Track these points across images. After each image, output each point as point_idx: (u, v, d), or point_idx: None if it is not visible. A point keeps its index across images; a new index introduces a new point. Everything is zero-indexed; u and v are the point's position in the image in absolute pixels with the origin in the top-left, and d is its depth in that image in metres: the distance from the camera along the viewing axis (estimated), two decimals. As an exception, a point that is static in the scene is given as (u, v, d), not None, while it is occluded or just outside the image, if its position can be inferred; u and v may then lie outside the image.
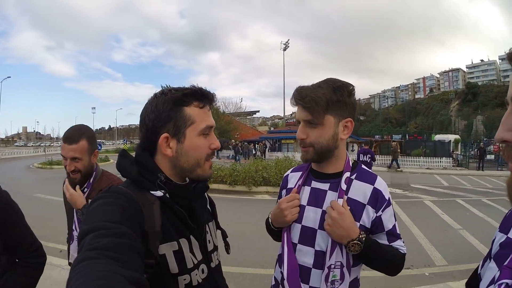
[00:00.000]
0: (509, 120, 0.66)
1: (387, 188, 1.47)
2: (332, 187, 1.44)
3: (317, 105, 1.34)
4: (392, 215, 1.44)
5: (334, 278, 1.32)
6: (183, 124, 1.11)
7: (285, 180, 1.66)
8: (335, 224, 1.31)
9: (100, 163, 23.56)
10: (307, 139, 1.39)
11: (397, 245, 1.44)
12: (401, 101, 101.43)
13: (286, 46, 52.66)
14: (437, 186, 14.39)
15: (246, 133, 48.71)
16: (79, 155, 2.05)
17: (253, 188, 12.46)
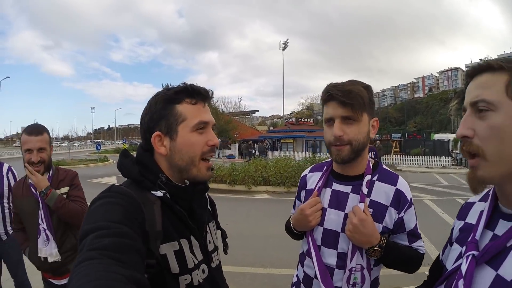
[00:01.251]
0: (468, 120, 0.84)
1: (409, 189, 1.48)
2: (354, 190, 1.44)
3: (360, 101, 1.34)
4: (413, 215, 1.46)
5: (355, 280, 1.35)
6: (175, 121, 1.11)
7: (304, 180, 1.66)
8: (356, 230, 1.32)
9: (99, 163, 23.50)
10: (345, 136, 1.36)
11: (417, 245, 1.47)
12: (400, 100, 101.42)
13: (285, 45, 52.68)
14: (437, 185, 14.40)
15: (245, 132, 48.67)
16: (45, 145, 2.34)
17: (252, 187, 12.48)
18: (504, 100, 0.79)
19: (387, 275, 4.67)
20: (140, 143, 1.21)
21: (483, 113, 0.81)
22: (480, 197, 1.05)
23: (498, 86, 0.80)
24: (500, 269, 0.79)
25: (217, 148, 1.22)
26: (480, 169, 0.83)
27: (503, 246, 0.81)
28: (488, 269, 0.82)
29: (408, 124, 71.45)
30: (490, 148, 0.80)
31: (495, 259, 0.81)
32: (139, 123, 1.20)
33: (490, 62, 0.84)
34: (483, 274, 0.82)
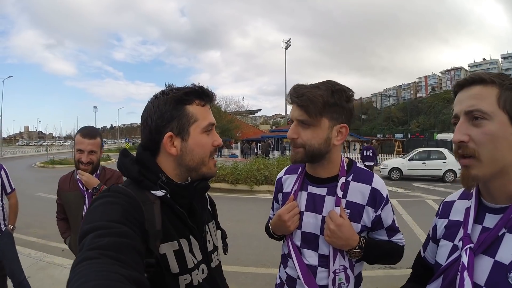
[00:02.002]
0: (463, 127, 0.97)
1: (385, 186, 1.48)
2: (329, 192, 1.43)
3: (313, 105, 1.31)
4: (390, 211, 1.47)
5: (340, 281, 1.35)
6: (187, 122, 1.12)
7: (279, 183, 1.66)
8: (334, 235, 1.33)
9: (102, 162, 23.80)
10: (298, 139, 1.37)
11: (396, 239, 1.49)
12: (403, 100, 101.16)
13: (288, 44, 52.64)
14: (439, 186, 14.38)
15: (247, 132, 48.76)
16: (96, 149, 2.54)
17: (255, 187, 12.46)
18: (496, 110, 0.93)
19: (389, 276, 4.69)
20: (140, 143, 1.21)
21: (478, 121, 0.94)
22: (458, 196, 1.20)
23: (491, 98, 0.94)
24: (497, 256, 0.92)
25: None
26: (474, 168, 0.95)
27: (496, 236, 0.94)
28: (485, 258, 0.94)
29: (411, 124, 71.42)
30: (484, 151, 0.93)
31: (490, 248, 0.94)
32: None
33: (482, 75, 0.97)
34: (482, 263, 0.94)
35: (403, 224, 7.42)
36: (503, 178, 0.97)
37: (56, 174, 2.67)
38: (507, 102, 0.93)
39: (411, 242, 1.54)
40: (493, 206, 1.01)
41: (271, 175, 12.74)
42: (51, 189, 3.03)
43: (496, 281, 0.91)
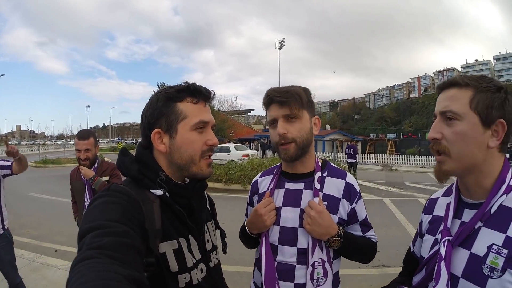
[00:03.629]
0: (437, 126, 1.06)
1: (357, 182, 1.57)
2: (307, 186, 1.50)
3: (298, 99, 1.42)
4: (363, 206, 1.55)
5: (318, 275, 1.38)
6: (175, 119, 1.12)
7: (255, 186, 1.71)
8: (315, 223, 1.37)
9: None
10: (289, 134, 1.42)
11: (369, 235, 1.55)
12: (395, 100, 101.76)
13: (282, 44, 52.54)
14: (432, 185, 14.44)
15: (241, 131, 48.68)
16: (90, 147, 3.20)
17: (248, 186, 12.33)
18: (467, 111, 1.01)
19: (384, 274, 4.71)
20: (140, 141, 1.21)
21: (451, 121, 1.03)
22: (442, 193, 1.29)
23: (464, 100, 1.02)
24: (473, 248, 1.00)
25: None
26: (445, 164, 1.05)
27: (472, 229, 1.01)
28: (462, 250, 1.02)
29: (404, 124, 71.85)
30: (454, 148, 1.03)
31: (467, 241, 1.02)
32: (134, 121, 1.19)
33: (457, 79, 1.06)
34: (459, 255, 1.02)
35: (396, 223, 7.46)
36: (477, 175, 1.05)
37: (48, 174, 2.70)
38: (479, 104, 1.00)
39: (404, 240, 1.57)
40: (471, 202, 1.09)
41: (265, 174, 12.67)
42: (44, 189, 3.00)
43: (471, 272, 0.98)
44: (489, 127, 1.01)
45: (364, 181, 14.93)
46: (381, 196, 11.54)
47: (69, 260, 4.77)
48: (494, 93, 1.01)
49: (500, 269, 0.92)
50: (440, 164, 1.07)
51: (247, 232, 1.57)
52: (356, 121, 79.37)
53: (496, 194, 1.01)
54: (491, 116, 1.00)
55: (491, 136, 1.01)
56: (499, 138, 1.01)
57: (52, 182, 14.50)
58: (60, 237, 6.08)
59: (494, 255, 0.94)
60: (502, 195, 1.00)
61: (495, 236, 0.96)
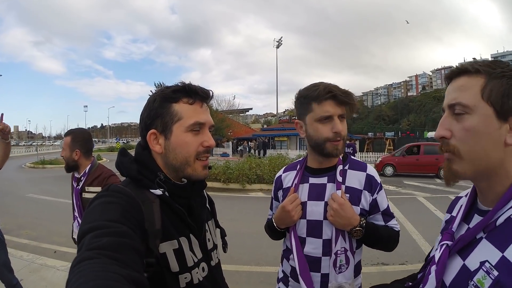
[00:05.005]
0: (446, 122, 0.90)
1: (377, 174, 1.64)
2: (330, 180, 1.56)
3: (353, 101, 1.50)
4: (385, 197, 1.62)
5: (341, 262, 1.45)
6: (170, 120, 1.11)
7: (279, 181, 1.76)
8: (337, 214, 1.44)
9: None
10: (342, 132, 1.49)
11: (391, 224, 1.61)
12: (393, 98, 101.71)
13: (279, 43, 52.61)
14: (430, 183, 14.48)
15: (239, 130, 48.63)
16: (64, 146, 2.82)
17: (247, 185, 12.45)
18: (479, 103, 0.84)
19: (382, 272, 4.72)
20: (139, 141, 1.21)
21: (460, 116, 0.87)
22: (466, 193, 1.10)
23: (474, 89, 0.85)
24: (467, 259, 0.87)
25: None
26: (454, 163, 0.89)
27: (472, 238, 0.88)
28: (458, 259, 0.90)
29: (402, 122, 71.85)
30: (464, 148, 0.86)
31: (465, 250, 0.89)
32: (132, 121, 1.19)
33: (466, 65, 0.89)
34: (454, 263, 0.91)
35: (395, 222, 7.32)
36: (491, 179, 0.89)
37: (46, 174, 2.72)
38: (493, 93, 0.84)
39: (402, 238, 1.58)
40: (482, 208, 0.95)
41: (263, 173, 12.78)
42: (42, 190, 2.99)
43: (458, 285, 0.88)
44: (506, 120, 0.84)
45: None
46: (379, 195, 11.54)
47: (68, 261, 4.77)
48: (511, 79, 0.84)
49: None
50: (449, 162, 0.92)
51: (275, 227, 1.63)
52: (354, 119, 79.30)
53: (506, 203, 0.84)
54: (507, 107, 0.83)
55: (509, 131, 0.84)
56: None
57: (51, 182, 14.47)
58: (59, 238, 6.05)
59: (484, 273, 0.81)
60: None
61: (492, 252, 0.82)
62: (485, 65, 0.86)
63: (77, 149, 2.80)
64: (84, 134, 2.93)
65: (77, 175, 2.86)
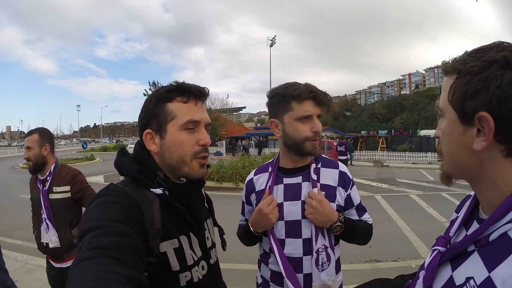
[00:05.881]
0: (440, 123, 0.85)
1: (349, 171, 1.68)
2: (304, 179, 1.58)
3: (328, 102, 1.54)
4: (357, 192, 1.67)
5: (323, 260, 1.46)
6: (164, 120, 1.12)
7: (251, 184, 1.73)
8: (317, 212, 1.45)
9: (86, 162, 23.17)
10: (320, 132, 1.53)
11: (365, 218, 1.66)
12: (387, 97, 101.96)
13: (273, 42, 52.32)
14: (423, 181, 14.58)
15: (232, 129, 48.47)
16: (31, 144, 2.70)
17: (240, 184, 12.32)
18: (447, 106, 0.79)
19: (375, 269, 4.75)
20: (138, 141, 1.21)
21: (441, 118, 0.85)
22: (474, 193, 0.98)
23: (446, 91, 0.79)
24: (455, 271, 0.80)
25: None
26: (444, 165, 0.88)
27: (463, 250, 0.80)
28: (448, 268, 0.83)
29: (395, 121, 72.05)
30: (443, 148, 0.85)
31: (457, 259, 0.81)
32: (125, 120, 1.20)
33: (446, 64, 0.82)
34: (443, 271, 0.84)
35: (388, 219, 7.51)
36: (478, 184, 0.81)
37: None
38: (455, 95, 0.75)
39: (395, 235, 1.60)
40: (480, 216, 0.85)
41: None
42: (36, 191, 3.03)
43: None
44: (470, 123, 0.73)
45: (356, 177, 14.98)
46: (372, 192, 11.64)
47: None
48: (475, 75, 0.71)
49: None
50: (442, 164, 0.91)
51: (251, 232, 1.60)
52: (347, 118, 79.50)
53: (500, 218, 0.73)
54: (467, 109, 0.73)
55: (476, 135, 0.73)
56: (486, 139, 0.70)
57: (43, 182, 14.17)
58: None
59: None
60: (508, 222, 0.71)
61: (480, 270, 0.73)
62: (461, 61, 0.76)
63: (47, 143, 2.78)
64: (49, 131, 2.94)
65: (41, 177, 2.80)
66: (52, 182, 2.74)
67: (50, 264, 2.91)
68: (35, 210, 2.91)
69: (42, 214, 2.73)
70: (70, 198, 2.78)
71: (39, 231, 2.79)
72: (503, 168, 0.74)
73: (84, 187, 2.85)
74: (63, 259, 2.82)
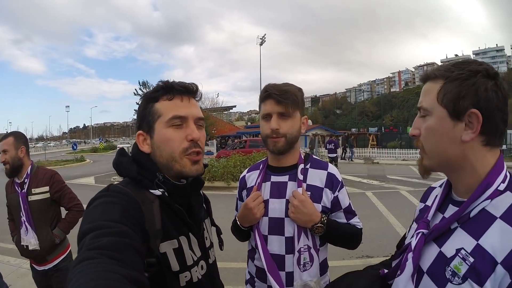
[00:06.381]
0: (417, 122, 1.02)
1: (339, 172, 1.67)
2: (291, 178, 1.60)
3: (294, 100, 1.53)
4: (346, 195, 1.65)
5: (305, 260, 1.46)
6: (152, 119, 1.13)
7: (243, 181, 1.79)
8: (298, 211, 1.47)
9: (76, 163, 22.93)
10: (281, 129, 1.52)
11: (354, 221, 1.64)
12: (376, 94, 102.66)
13: (263, 40, 52.33)
14: (413, 177, 14.68)
15: (223, 128, 48.33)
16: (7, 147, 2.71)
17: (232, 183, 12.37)
18: (435, 105, 0.96)
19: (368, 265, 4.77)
20: (135, 142, 1.20)
21: (424, 117, 1.00)
22: (440, 183, 1.20)
23: (433, 94, 0.96)
24: (443, 247, 0.94)
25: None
26: (424, 159, 1.02)
27: (447, 228, 0.96)
28: (434, 246, 0.98)
29: (385, 118, 72.54)
30: (427, 144, 0.99)
31: (441, 238, 0.96)
32: (115, 121, 1.20)
33: (429, 71, 1.01)
34: (430, 250, 0.98)
35: (379, 215, 7.57)
36: (459, 172, 0.98)
37: None
38: (446, 96, 0.93)
39: (386, 231, 1.62)
40: (456, 199, 1.02)
41: (248, 171, 12.66)
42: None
43: (435, 270, 0.94)
44: (459, 119, 0.91)
45: (346, 174, 15.07)
46: (363, 189, 11.72)
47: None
48: (464, 81, 0.91)
49: (461, 276, 0.87)
50: (421, 159, 1.05)
51: (239, 226, 1.63)
52: (337, 115, 79.93)
53: (478, 197, 0.91)
54: (458, 107, 0.91)
55: (464, 129, 0.91)
56: (474, 131, 0.90)
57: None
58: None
59: (460, 260, 0.88)
60: (486, 199, 0.90)
61: (467, 240, 0.89)
62: (445, 69, 0.96)
63: (22, 145, 2.80)
64: (23, 134, 2.95)
65: (18, 180, 2.80)
66: (30, 184, 2.77)
67: (34, 269, 2.95)
68: (13, 216, 2.91)
69: (22, 216, 2.74)
70: (49, 198, 2.83)
71: (19, 235, 2.80)
72: (481, 155, 0.93)
73: (62, 186, 2.91)
74: (46, 261, 2.86)
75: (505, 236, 0.82)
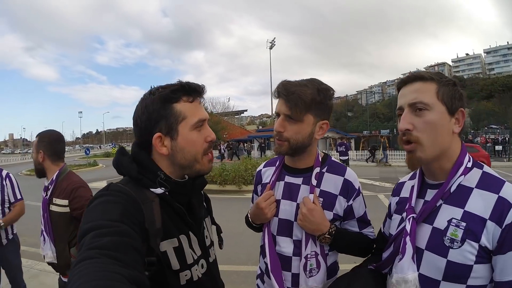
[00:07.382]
0: (408, 117, 1.16)
1: (357, 179, 1.59)
2: (304, 181, 1.54)
3: (301, 103, 1.40)
4: (362, 203, 1.58)
5: (311, 266, 1.43)
6: (175, 121, 1.11)
7: (259, 175, 1.75)
8: (306, 219, 1.43)
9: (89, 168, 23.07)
10: (284, 133, 1.45)
11: (367, 231, 1.58)
12: (388, 96, 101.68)
13: (273, 44, 52.35)
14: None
15: (234, 132, 48.37)
16: (32, 148, 2.61)
17: (243, 187, 12.44)
18: (436, 102, 1.14)
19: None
20: (135, 141, 1.20)
21: (421, 112, 1.14)
22: (408, 178, 1.42)
23: (431, 92, 1.14)
24: (434, 223, 1.14)
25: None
26: (417, 152, 1.15)
27: (434, 206, 1.15)
28: (425, 226, 1.16)
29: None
30: (425, 137, 1.13)
31: (429, 217, 1.16)
32: (127, 126, 1.20)
33: (422, 73, 1.19)
34: (423, 229, 1.16)
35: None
36: (442, 159, 1.18)
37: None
38: (445, 96, 1.14)
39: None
40: (433, 183, 1.23)
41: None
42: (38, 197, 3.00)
43: (434, 244, 1.11)
44: (453, 115, 1.16)
45: (358, 177, 14.91)
46: (375, 192, 11.66)
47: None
48: (453, 87, 1.16)
49: (459, 240, 1.05)
50: (412, 153, 1.17)
51: (250, 222, 1.64)
52: (349, 118, 79.40)
53: (455, 175, 1.15)
54: (454, 106, 1.15)
55: (455, 122, 1.17)
56: (460, 125, 1.17)
57: (47, 189, 14.17)
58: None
59: (454, 227, 1.08)
60: (460, 175, 1.14)
61: (454, 211, 1.10)
62: (435, 75, 1.18)
63: (41, 150, 2.53)
64: (52, 135, 2.63)
65: (46, 183, 2.56)
66: (53, 192, 2.48)
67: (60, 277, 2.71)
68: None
69: (41, 224, 2.51)
70: (69, 214, 2.44)
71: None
72: (457, 144, 1.19)
73: (84, 204, 2.34)
74: (66, 275, 2.60)
75: (485, 198, 1.06)
